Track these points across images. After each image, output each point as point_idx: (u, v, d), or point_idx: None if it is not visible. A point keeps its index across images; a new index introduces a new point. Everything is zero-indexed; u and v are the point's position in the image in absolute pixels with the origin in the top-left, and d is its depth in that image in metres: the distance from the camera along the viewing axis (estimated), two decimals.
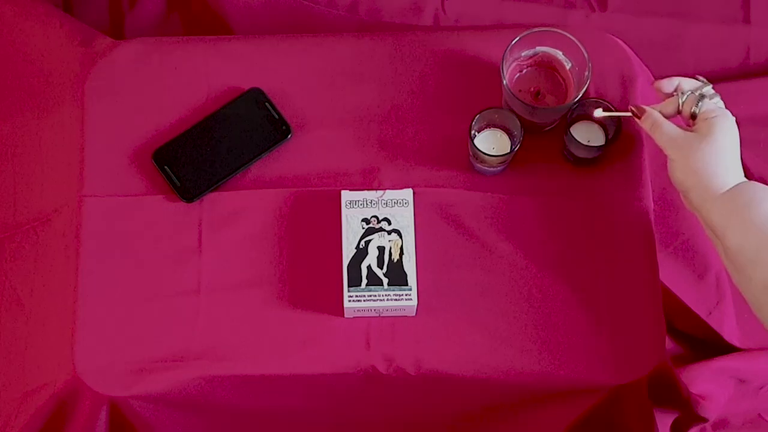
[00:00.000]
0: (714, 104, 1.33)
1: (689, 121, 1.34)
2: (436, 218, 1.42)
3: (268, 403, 1.44)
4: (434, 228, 1.42)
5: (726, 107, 1.33)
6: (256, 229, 1.42)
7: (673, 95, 1.36)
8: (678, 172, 1.31)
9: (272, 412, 1.47)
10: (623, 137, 1.43)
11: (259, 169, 1.44)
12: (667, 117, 1.35)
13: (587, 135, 1.41)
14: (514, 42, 1.38)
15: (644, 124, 1.35)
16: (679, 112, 1.34)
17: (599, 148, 1.40)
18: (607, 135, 1.41)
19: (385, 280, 1.36)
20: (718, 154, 1.29)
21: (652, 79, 1.52)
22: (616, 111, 1.39)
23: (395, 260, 1.37)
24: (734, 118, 1.32)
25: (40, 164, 1.53)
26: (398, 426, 1.52)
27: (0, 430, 1.47)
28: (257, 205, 1.43)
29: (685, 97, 1.34)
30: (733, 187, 1.29)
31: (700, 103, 1.32)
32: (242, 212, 1.42)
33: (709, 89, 1.34)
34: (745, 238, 1.24)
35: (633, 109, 1.37)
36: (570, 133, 1.40)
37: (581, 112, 1.41)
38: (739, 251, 1.25)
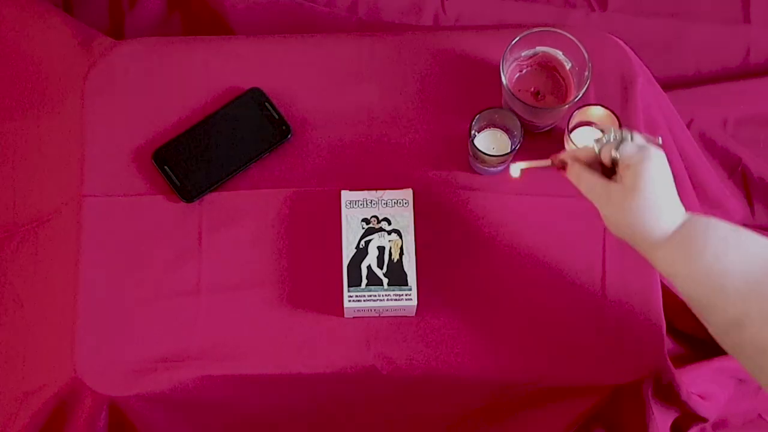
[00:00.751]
0: (634, 145, 1.19)
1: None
2: (436, 218, 1.42)
3: (268, 403, 1.44)
4: (434, 228, 1.41)
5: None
6: (256, 229, 1.42)
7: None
8: (612, 228, 1.21)
9: (272, 412, 1.47)
10: None
11: (259, 169, 1.44)
12: (590, 164, 1.23)
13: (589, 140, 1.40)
14: (514, 42, 1.38)
15: (570, 177, 1.25)
16: (600, 163, 1.23)
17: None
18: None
19: (385, 280, 1.36)
20: (649, 206, 1.17)
21: (653, 79, 1.52)
22: (538, 162, 1.27)
23: (395, 260, 1.37)
24: (661, 152, 1.19)
25: (40, 164, 1.53)
26: (398, 426, 1.51)
27: (0, 430, 1.47)
28: (257, 205, 1.42)
29: (599, 146, 1.21)
30: (673, 233, 1.17)
31: (619, 148, 1.19)
32: (242, 212, 1.42)
33: (618, 133, 1.20)
34: (695, 288, 1.16)
35: (553, 160, 1.27)
36: (572, 140, 1.39)
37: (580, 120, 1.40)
38: (690, 299, 1.18)
